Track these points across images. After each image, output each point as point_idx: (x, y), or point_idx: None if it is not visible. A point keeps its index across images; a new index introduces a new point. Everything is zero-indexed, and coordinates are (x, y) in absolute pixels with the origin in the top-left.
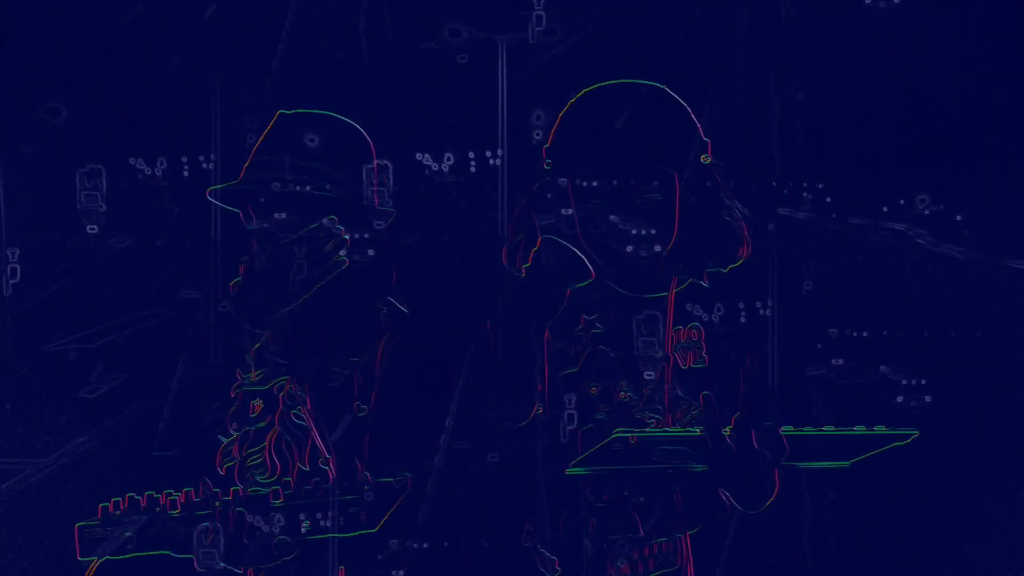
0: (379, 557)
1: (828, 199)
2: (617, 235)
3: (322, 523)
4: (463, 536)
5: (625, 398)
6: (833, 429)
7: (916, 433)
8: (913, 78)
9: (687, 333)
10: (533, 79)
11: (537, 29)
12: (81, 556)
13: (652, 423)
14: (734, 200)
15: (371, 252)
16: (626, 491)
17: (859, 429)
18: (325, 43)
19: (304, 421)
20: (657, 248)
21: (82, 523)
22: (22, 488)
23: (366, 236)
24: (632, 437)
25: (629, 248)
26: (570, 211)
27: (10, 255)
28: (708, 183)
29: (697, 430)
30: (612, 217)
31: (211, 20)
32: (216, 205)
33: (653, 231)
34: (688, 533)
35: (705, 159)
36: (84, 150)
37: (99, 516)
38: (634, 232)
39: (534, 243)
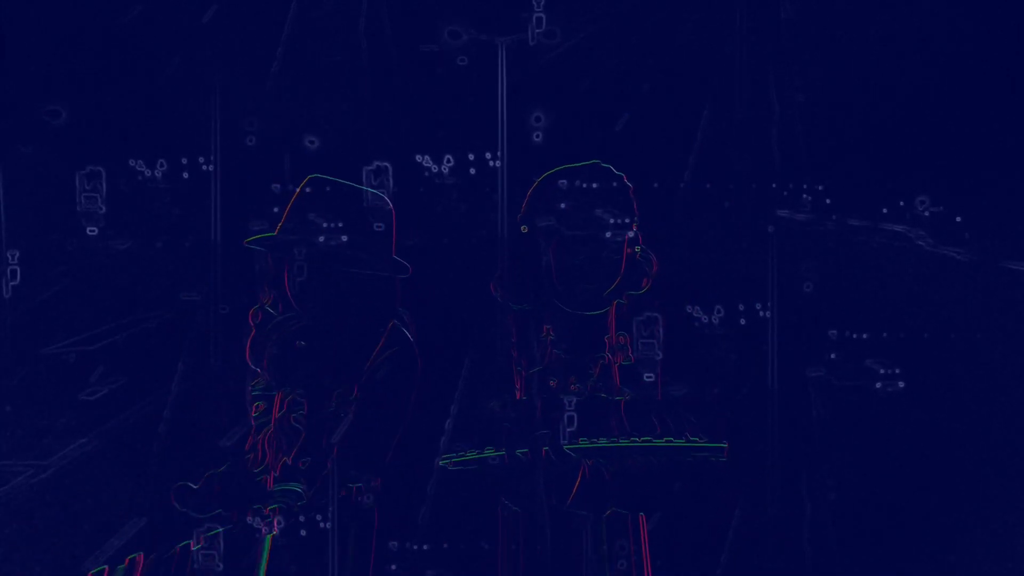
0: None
1: (828, 201)
2: (579, 277)
3: (322, 525)
4: (462, 537)
5: (576, 389)
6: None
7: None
8: (913, 80)
9: (616, 338)
10: (533, 81)
11: (537, 31)
12: None
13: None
14: (648, 250)
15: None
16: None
17: (660, 442)
18: (325, 45)
19: (300, 425)
20: (604, 285)
21: None
22: (23, 489)
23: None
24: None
25: (588, 286)
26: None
27: (10, 257)
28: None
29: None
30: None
31: (211, 22)
32: (216, 206)
33: (607, 276)
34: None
35: (524, 229)
36: (84, 152)
37: None
38: (589, 275)
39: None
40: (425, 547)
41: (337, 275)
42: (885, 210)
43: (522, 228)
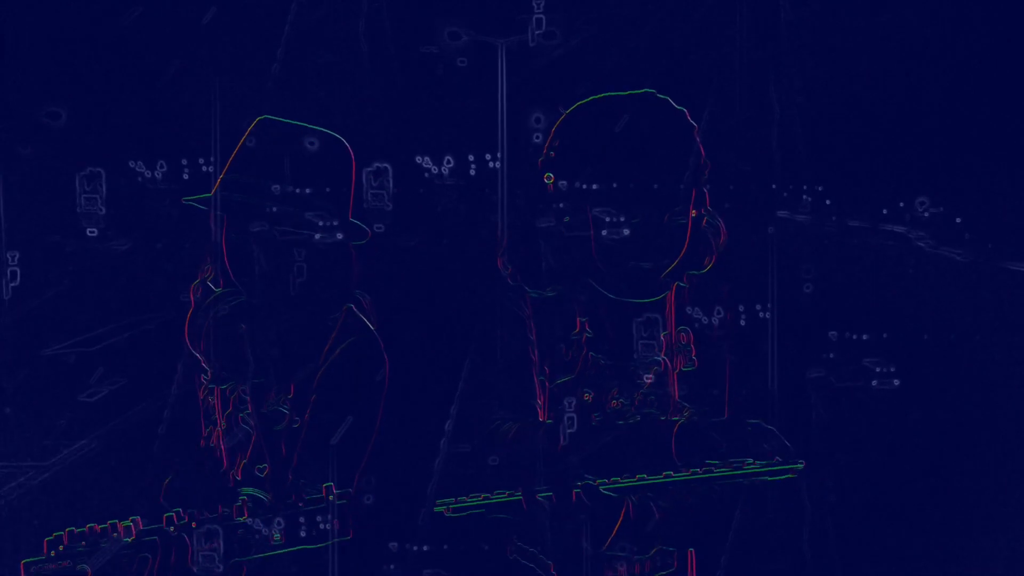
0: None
1: (828, 201)
2: (629, 251)
3: (322, 525)
4: (463, 538)
5: (617, 405)
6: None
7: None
8: (913, 80)
9: (676, 337)
10: (533, 82)
11: (537, 32)
12: None
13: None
14: (716, 215)
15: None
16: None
17: (697, 471)
18: (325, 46)
19: (248, 426)
20: (664, 261)
21: (28, 559)
22: (22, 491)
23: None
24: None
25: (641, 262)
26: (567, 219)
27: (10, 258)
28: (703, 199)
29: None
30: (625, 231)
31: (211, 23)
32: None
33: (667, 249)
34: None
35: (549, 179)
36: (84, 153)
37: (44, 551)
38: (643, 248)
39: (519, 247)
40: (425, 548)
41: (282, 240)
42: (885, 211)
43: (546, 178)
